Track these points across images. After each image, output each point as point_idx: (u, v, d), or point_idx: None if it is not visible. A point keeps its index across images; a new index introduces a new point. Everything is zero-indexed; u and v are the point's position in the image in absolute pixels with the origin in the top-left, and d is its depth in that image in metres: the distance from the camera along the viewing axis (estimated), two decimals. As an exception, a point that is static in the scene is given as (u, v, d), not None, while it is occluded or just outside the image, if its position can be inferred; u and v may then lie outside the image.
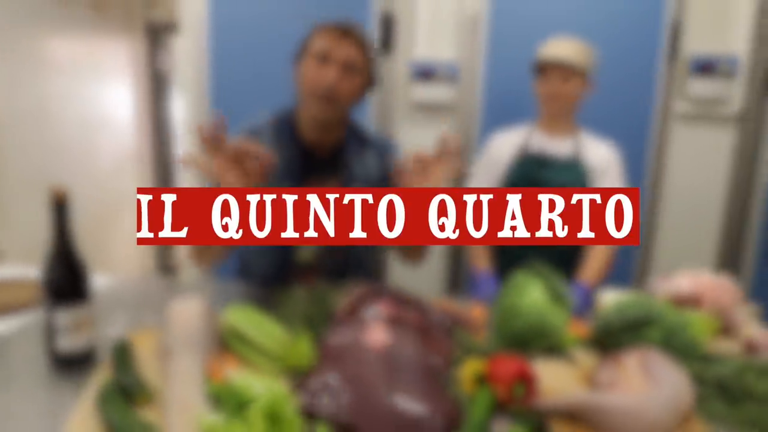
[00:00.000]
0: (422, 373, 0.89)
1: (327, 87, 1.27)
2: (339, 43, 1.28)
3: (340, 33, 1.28)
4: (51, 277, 0.93)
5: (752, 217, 2.32)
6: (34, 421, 0.78)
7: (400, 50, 2.39)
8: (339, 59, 1.28)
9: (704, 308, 1.15)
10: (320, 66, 1.28)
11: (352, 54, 1.29)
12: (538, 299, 1.03)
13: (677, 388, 0.79)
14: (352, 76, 1.30)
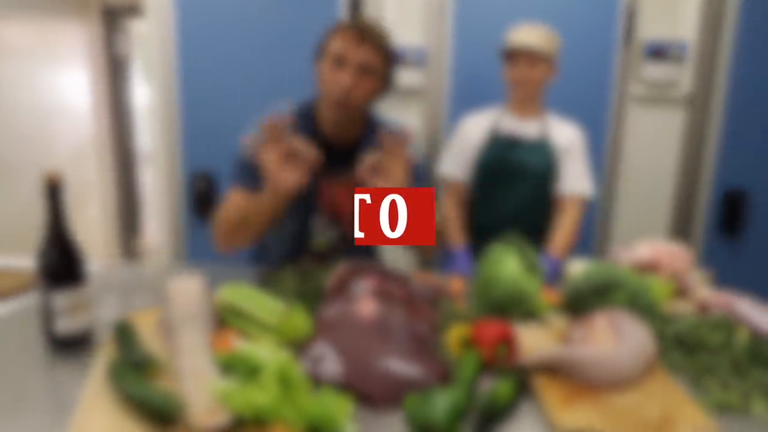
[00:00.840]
0: (411, 340, 0.96)
1: (341, 91, 1.28)
2: (356, 46, 1.27)
3: (357, 35, 1.28)
4: (48, 261, 0.94)
5: (701, 192, 2.48)
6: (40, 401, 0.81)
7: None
8: (355, 63, 1.28)
9: (661, 273, 1.26)
10: (336, 69, 1.29)
11: (369, 57, 1.28)
12: (515, 269, 1.11)
13: (642, 342, 0.88)
14: (368, 79, 1.30)
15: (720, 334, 0.99)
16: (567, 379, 0.85)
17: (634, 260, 1.27)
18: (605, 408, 0.78)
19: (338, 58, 1.28)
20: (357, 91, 1.29)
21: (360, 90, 1.30)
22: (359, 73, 1.28)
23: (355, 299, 1.06)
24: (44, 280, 0.95)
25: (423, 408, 0.73)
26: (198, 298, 0.91)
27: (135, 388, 0.72)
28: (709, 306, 1.15)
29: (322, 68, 1.33)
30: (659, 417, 0.76)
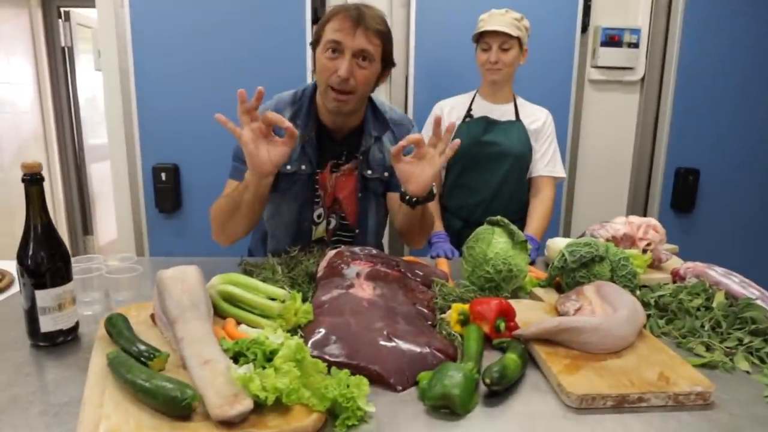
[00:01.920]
0: (413, 319, 0.98)
1: (339, 79, 1.25)
2: (351, 33, 1.24)
3: (352, 21, 1.24)
4: (34, 258, 0.89)
5: (655, 170, 2.61)
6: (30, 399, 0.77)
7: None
8: (351, 49, 1.25)
9: (636, 246, 1.32)
10: (333, 57, 1.26)
11: (365, 43, 1.25)
12: (504, 247, 1.14)
13: (633, 308, 0.93)
14: (366, 65, 1.28)
15: (699, 299, 1.05)
16: (566, 348, 0.89)
17: (611, 235, 1.33)
18: (607, 372, 0.82)
19: (334, 45, 1.26)
20: (356, 78, 1.27)
21: (359, 77, 1.27)
22: (356, 59, 1.26)
23: (350, 282, 1.06)
24: (30, 277, 0.90)
25: (439, 383, 0.74)
26: (198, 287, 0.89)
27: (147, 380, 0.69)
28: (682, 275, 1.22)
29: (318, 55, 1.31)
30: (657, 377, 0.80)
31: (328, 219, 1.48)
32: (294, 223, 1.45)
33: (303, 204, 1.43)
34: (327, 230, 1.49)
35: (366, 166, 1.43)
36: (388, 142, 1.45)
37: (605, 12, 2.49)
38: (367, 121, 1.42)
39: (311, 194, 1.43)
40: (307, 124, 1.38)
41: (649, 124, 2.60)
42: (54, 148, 3.85)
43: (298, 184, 1.42)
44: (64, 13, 3.71)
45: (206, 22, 2.31)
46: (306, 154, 1.39)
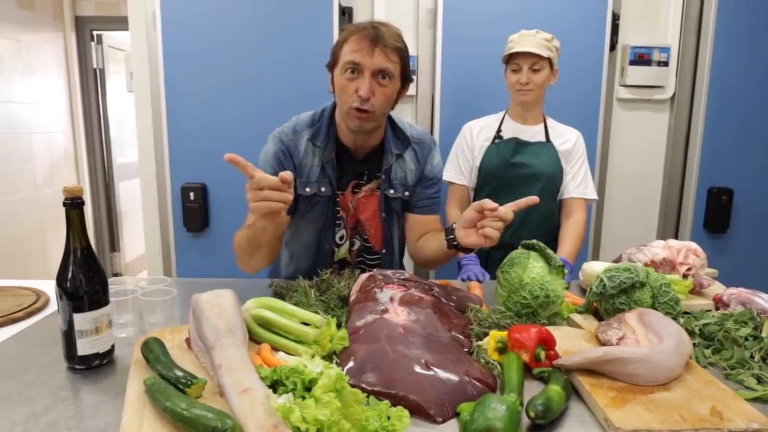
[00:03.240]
0: (450, 346, 0.95)
1: (360, 100, 1.25)
2: (369, 52, 1.24)
3: (369, 40, 1.24)
4: (73, 281, 0.90)
5: (687, 190, 2.56)
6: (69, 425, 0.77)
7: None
8: (371, 69, 1.24)
9: (676, 271, 1.28)
10: (352, 77, 1.26)
11: (384, 62, 1.25)
12: (540, 272, 1.12)
13: (679, 337, 0.89)
14: (385, 84, 1.27)
15: (746, 328, 1.01)
16: (610, 379, 0.86)
17: (649, 259, 1.29)
18: (656, 406, 0.78)
19: (353, 66, 1.25)
20: (376, 97, 1.26)
21: (379, 95, 1.27)
22: (376, 78, 1.26)
23: (384, 307, 1.05)
24: (67, 300, 0.90)
25: (482, 416, 0.71)
26: (234, 312, 0.88)
27: (186, 409, 0.69)
28: (726, 301, 1.18)
29: (337, 76, 1.30)
30: (710, 412, 0.77)
31: (351, 240, 1.46)
32: (315, 245, 1.44)
33: (324, 226, 1.42)
34: (350, 252, 1.47)
35: (388, 185, 1.42)
36: (410, 161, 1.44)
37: (633, 30, 2.47)
38: (388, 139, 1.41)
39: (332, 216, 1.42)
40: (326, 145, 1.38)
41: (679, 143, 2.55)
42: (84, 167, 3.94)
43: (318, 206, 1.41)
44: (97, 37, 3.83)
45: (235, 45, 2.35)
46: (326, 175, 1.38)
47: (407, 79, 1.35)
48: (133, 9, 2.38)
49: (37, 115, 3.46)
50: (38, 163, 3.48)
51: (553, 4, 2.34)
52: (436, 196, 1.49)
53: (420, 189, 1.47)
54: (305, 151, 1.38)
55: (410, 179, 1.45)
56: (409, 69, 1.34)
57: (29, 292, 1.34)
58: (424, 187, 1.47)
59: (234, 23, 2.34)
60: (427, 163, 1.46)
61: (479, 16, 2.35)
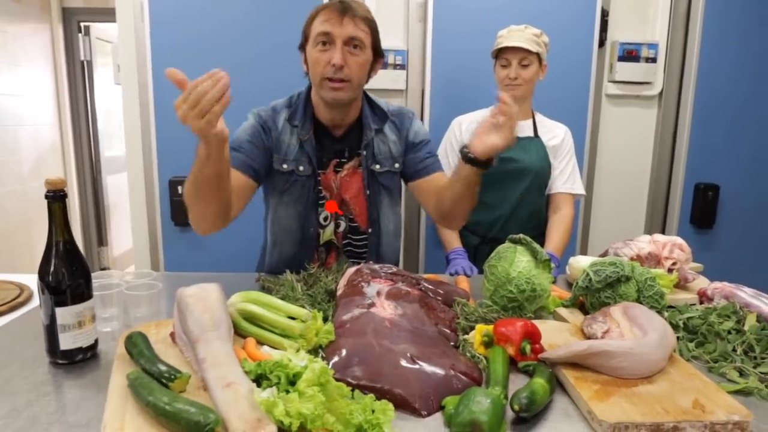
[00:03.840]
0: (436, 340, 0.95)
1: (334, 69, 1.25)
2: (339, 22, 1.25)
3: (338, 11, 1.26)
4: (55, 275, 0.89)
5: (674, 186, 2.58)
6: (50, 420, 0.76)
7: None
8: (342, 38, 1.26)
9: (661, 266, 1.29)
10: (324, 49, 1.27)
11: (354, 30, 1.26)
12: (527, 266, 1.12)
13: (663, 331, 0.90)
14: (357, 53, 1.28)
15: (729, 322, 1.02)
16: (595, 372, 0.86)
17: (635, 254, 1.30)
18: (639, 399, 0.79)
19: (323, 37, 1.27)
20: (349, 66, 1.27)
21: (352, 64, 1.28)
22: (347, 47, 1.27)
23: (371, 301, 1.05)
24: (49, 294, 0.89)
25: (467, 409, 0.72)
26: (219, 306, 0.88)
27: (169, 403, 0.68)
28: (710, 295, 1.19)
29: (309, 52, 1.31)
30: (692, 404, 0.78)
31: (336, 221, 1.44)
32: (298, 229, 1.42)
33: (305, 207, 1.40)
34: (336, 233, 1.45)
35: (373, 160, 1.41)
36: (391, 132, 1.43)
37: (622, 27, 2.48)
38: (365, 115, 1.40)
39: (314, 196, 1.40)
40: (304, 124, 1.38)
41: (667, 139, 2.57)
42: (71, 160, 3.89)
43: (297, 185, 1.39)
44: (84, 28, 3.77)
45: (223, 37, 2.33)
46: (305, 154, 1.37)
47: (379, 51, 1.36)
48: (121, 0, 2.35)
49: (24, 108, 3.41)
50: (24, 155, 3.43)
51: (543, 1, 2.34)
52: (430, 155, 1.46)
53: (411, 155, 1.44)
54: (282, 128, 1.38)
55: (395, 151, 1.43)
56: (380, 43, 1.35)
57: (12, 286, 1.33)
58: (415, 152, 1.45)
59: (222, 15, 2.32)
60: (409, 132, 1.44)
61: (469, 10, 2.34)
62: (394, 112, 1.45)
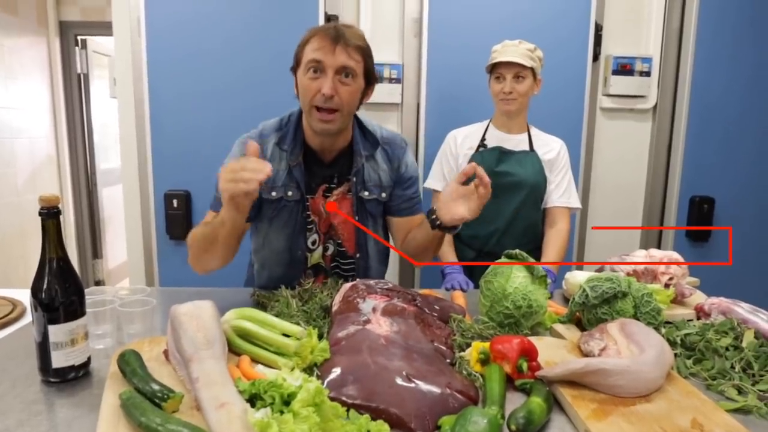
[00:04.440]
0: (432, 357, 0.95)
1: (324, 98, 1.24)
2: (332, 51, 1.24)
3: (331, 39, 1.24)
4: (48, 292, 0.88)
5: (669, 199, 2.58)
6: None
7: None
8: (333, 67, 1.24)
9: (658, 281, 1.29)
10: (314, 77, 1.26)
11: (346, 59, 1.25)
12: (523, 282, 1.12)
13: (661, 348, 0.90)
14: (349, 82, 1.27)
15: (727, 338, 1.02)
16: (592, 390, 0.86)
17: (631, 269, 1.30)
18: (637, 418, 0.78)
19: (315, 64, 1.25)
20: (340, 95, 1.26)
21: (343, 94, 1.26)
22: (339, 76, 1.26)
23: (367, 318, 1.04)
24: (42, 312, 0.88)
25: (463, 430, 0.71)
26: (213, 324, 0.87)
27: (162, 424, 0.67)
28: (707, 311, 1.19)
29: (300, 78, 1.30)
30: (690, 424, 0.77)
31: (324, 245, 1.44)
32: (285, 251, 1.42)
33: (294, 232, 1.40)
34: (324, 256, 1.45)
35: (362, 187, 1.40)
36: (382, 161, 1.42)
37: (616, 41, 2.50)
38: (356, 141, 1.39)
39: (303, 221, 1.39)
40: (293, 149, 1.37)
41: (662, 153, 2.58)
42: (67, 172, 3.88)
43: (285, 210, 1.38)
44: (81, 41, 3.78)
45: (220, 51, 2.33)
46: (293, 179, 1.36)
47: (371, 79, 1.34)
48: (118, 14, 2.36)
49: (20, 120, 3.40)
50: (20, 168, 3.42)
51: (537, 15, 2.36)
52: (415, 196, 1.48)
53: (399, 191, 1.45)
54: (272, 155, 1.37)
55: (384, 180, 1.42)
56: (374, 69, 1.34)
57: (5, 302, 1.31)
58: (403, 189, 1.45)
59: (218, 30, 2.33)
60: (401, 164, 1.44)
61: (464, 26, 2.36)
62: (386, 139, 1.44)
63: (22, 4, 3.41)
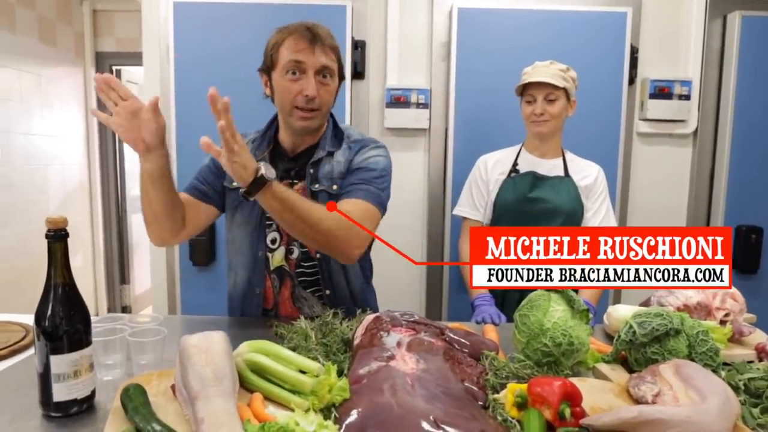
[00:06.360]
0: (463, 400, 0.86)
1: (306, 99, 1.26)
2: (311, 52, 1.25)
3: (308, 40, 1.25)
4: (52, 320, 0.83)
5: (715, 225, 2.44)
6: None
7: (372, 76, 2.40)
8: (314, 68, 1.26)
9: (712, 317, 1.17)
10: (294, 78, 1.27)
11: (326, 59, 1.27)
12: (563, 316, 1.02)
13: (725, 395, 0.79)
14: (328, 81, 1.29)
15: (799, 385, 0.90)
16: (647, 443, 0.75)
17: (681, 303, 1.19)
18: (703, 479, 0.68)
19: (295, 66, 1.26)
20: (320, 96, 1.27)
21: (323, 94, 1.28)
22: (318, 78, 1.27)
23: (391, 353, 0.96)
24: (44, 340, 0.83)
25: (500, 487, 0.61)
26: (224, 358, 0.80)
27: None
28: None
29: (277, 80, 1.30)
30: (768, 489, 0.66)
31: (288, 248, 1.38)
32: (248, 250, 1.39)
33: (255, 228, 1.37)
34: (288, 260, 1.38)
35: (314, 180, 1.33)
36: (341, 156, 1.35)
37: (653, 64, 2.41)
38: (325, 137, 1.38)
39: (263, 217, 1.37)
40: (260, 144, 1.39)
41: (704, 179, 2.45)
42: (98, 199, 3.94)
43: (246, 204, 1.36)
44: (116, 71, 3.89)
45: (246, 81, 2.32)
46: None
47: (343, 75, 1.36)
48: (148, 43, 2.39)
49: (54, 147, 3.48)
50: (52, 194, 3.48)
51: (569, 39, 2.30)
52: (359, 182, 1.30)
53: (347, 178, 1.33)
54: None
55: (337, 172, 1.33)
56: (343, 67, 1.36)
57: (18, 327, 1.28)
58: (350, 175, 1.33)
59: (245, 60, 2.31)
60: (358, 154, 1.34)
61: (494, 50, 2.31)
62: (357, 139, 1.38)
63: (62, 35, 3.52)
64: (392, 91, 2.35)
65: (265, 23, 2.32)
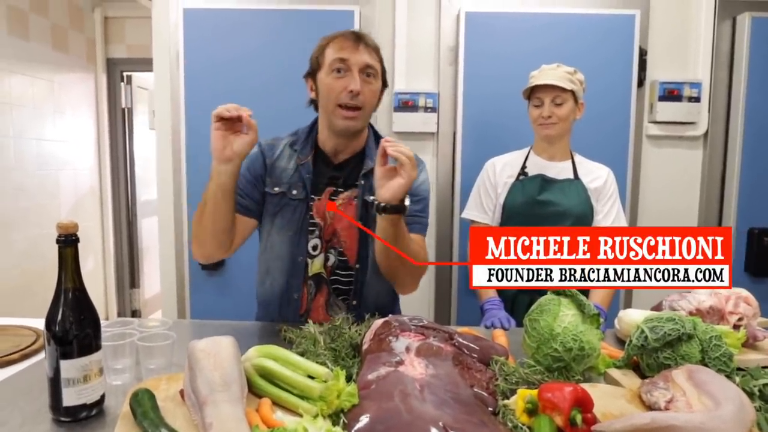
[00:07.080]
0: (472, 405, 0.85)
1: (351, 95, 1.26)
2: (355, 50, 1.27)
3: (353, 40, 1.28)
4: (63, 324, 0.83)
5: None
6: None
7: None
8: (358, 65, 1.27)
9: (726, 322, 1.16)
10: (339, 76, 1.28)
11: (369, 58, 1.29)
12: (573, 321, 1.01)
13: (740, 401, 0.77)
14: (372, 81, 1.30)
15: (816, 391, 0.88)
16: (660, 450, 0.74)
17: (693, 308, 1.17)
18: (718, 487, 0.66)
19: (340, 64, 1.27)
20: (364, 94, 1.28)
21: (367, 92, 1.29)
22: (362, 75, 1.28)
23: (399, 358, 0.95)
24: (54, 345, 0.84)
25: (510, 495, 0.61)
26: (232, 363, 0.80)
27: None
28: (786, 357, 1.05)
29: (322, 80, 1.31)
30: (785, 497, 0.64)
31: (326, 254, 1.37)
32: (287, 256, 1.37)
33: (296, 233, 1.36)
34: (326, 267, 1.38)
35: (369, 191, 1.34)
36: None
37: (662, 66, 2.39)
38: (369, 146, 1.38)
39: (305, 223, 1.36)
40: (303, 149, 1.38)
41: (715, 182, 2.43)
42: (108, 204, 3.97)
43: (288, 209, 1.36)
44: (127, 77, 3.92)
45: (256, 86, 2.35)
46: (300, 178, 1.35)
47: (385, 81, 1.37)
48: (158, 49, 2.41)
49: (66, 153, 3.51)
50: (63, 199, 3.51)
51: (577, 41, 2.29)
52: (418, 215, 1.38)
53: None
54: (281, 153, 1.39)
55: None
56: (386, 71, 1.37)
57: (29, 332, 1.29)
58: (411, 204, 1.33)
59: (255, 65, 2.35)
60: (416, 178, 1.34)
61: (501, 53, 2.31)
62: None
63: (73, 42, 3.56)
64: (400, 95, 2.35)
65: (275, 29, 2.36)
